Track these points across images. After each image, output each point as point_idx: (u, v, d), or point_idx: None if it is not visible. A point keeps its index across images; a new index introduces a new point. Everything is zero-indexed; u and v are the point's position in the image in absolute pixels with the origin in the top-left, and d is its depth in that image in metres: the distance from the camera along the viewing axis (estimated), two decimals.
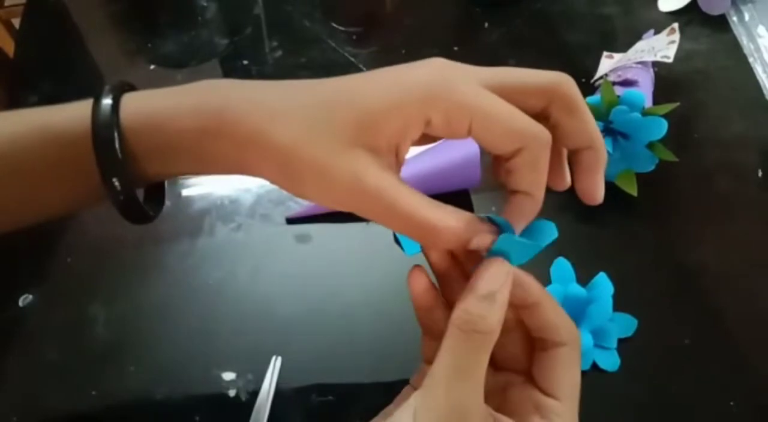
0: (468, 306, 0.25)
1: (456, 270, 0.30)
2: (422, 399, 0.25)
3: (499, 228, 0.27)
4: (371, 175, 0.25)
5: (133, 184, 0.27)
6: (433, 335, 0.30)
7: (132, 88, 0.29)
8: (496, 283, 0.25)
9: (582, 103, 0.26)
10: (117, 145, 0.26)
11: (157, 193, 0.32)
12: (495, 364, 0.31)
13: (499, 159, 0.27)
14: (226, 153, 0.26)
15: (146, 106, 0.27)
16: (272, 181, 0.27)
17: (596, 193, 0.27)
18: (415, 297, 0.30)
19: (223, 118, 0.26)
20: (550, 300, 0.28)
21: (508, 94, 0.26)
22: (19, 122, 0.28)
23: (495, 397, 0.29)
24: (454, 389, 0.24)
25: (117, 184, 0.26)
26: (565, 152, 0.29)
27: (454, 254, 0.30)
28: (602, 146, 0.27)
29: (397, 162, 0.27)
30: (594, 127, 0.27)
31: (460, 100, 0.24)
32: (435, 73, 0.25)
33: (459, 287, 0.27)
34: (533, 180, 0.26)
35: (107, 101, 0.26)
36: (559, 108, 0.26)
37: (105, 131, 0.26)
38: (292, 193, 0.27)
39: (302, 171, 0.25)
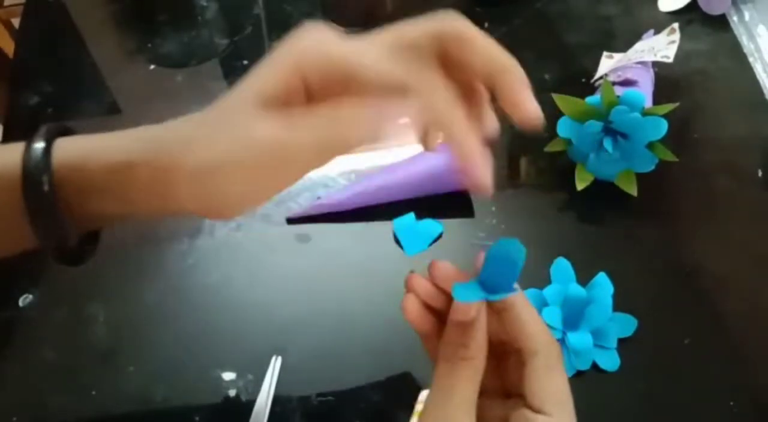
0: (449, 338, 0.28)
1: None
2: None
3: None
4: (272, 127, 0.24)
5: (63, 226, 0.27)
6: None
7: (68, 130, 0.29)
8: (470, 312, 0.27)
9: (473, 33, 0.26)
10: (46, 188, 0.26)
11: (91, 234, 0.31)
12: (505, 392, 0.30)
13: None
14: (150, 187, 0.26)
15: (77, 148, 0.27)
16: (194, 211, 0.26)
17: (528, 110, 0.26)
18: (412, 323, 0.30)
19: (145, 152, 0.26)
20: (526, 303, 0.29)
21: (405, 55, 0.26)
22: None
23: None
24: (440, 410, 0.26)
25: (47, 226, 0.26)
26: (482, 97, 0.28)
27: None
28: (515, 66, 0.26)
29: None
30: (498, 51, 0.26)
31: (329, 53, 0.25)
32: (306, 35, 0.25)
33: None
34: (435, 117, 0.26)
35: (39, 144, 0.26)
36: (452, 46, 0.26)
37: (35, 174, 0.26)
38: (218, 214, 0.26)
39: (222, 189, 0.25)
